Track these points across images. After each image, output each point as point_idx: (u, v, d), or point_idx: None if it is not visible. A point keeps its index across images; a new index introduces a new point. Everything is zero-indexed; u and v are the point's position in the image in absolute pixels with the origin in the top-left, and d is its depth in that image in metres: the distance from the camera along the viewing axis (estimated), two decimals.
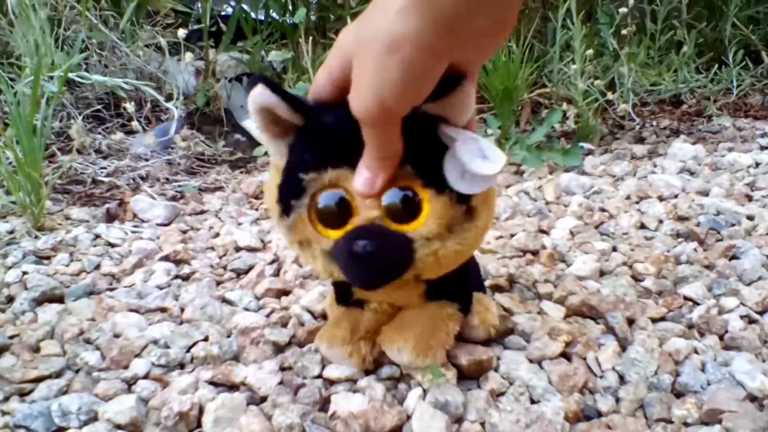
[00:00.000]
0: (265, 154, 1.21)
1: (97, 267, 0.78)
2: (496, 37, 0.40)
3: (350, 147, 0.45)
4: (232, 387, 0.55)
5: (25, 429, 0.48)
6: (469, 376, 0.56)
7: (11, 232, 0.87)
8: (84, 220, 0.92)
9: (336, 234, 0.47)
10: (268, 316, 0.66)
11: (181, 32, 1.21)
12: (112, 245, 0.85)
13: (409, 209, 0.46)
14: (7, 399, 0.52)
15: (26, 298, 0.68)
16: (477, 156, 0.44)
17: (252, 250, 0.84)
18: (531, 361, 0.58)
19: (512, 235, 0.86)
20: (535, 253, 0.81)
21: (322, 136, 0.46)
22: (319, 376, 0.56)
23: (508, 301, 0.67)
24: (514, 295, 0.69)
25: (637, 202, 0.97)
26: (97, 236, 0.86)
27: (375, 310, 0.57)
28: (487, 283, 0.70)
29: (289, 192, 0.48)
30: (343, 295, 0.58)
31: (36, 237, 0.86)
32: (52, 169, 1.04)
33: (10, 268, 0.76)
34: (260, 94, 0.44)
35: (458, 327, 0.57)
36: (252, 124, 1.34)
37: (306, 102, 0.46)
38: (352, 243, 0.45)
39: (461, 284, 0.57)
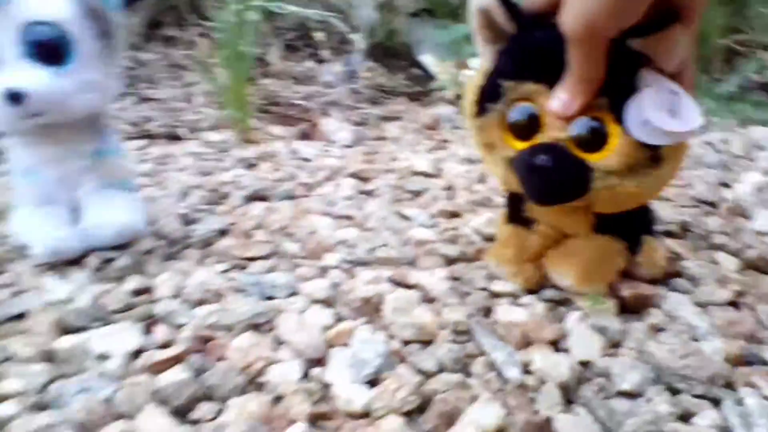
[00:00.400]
0: (441, 88, 1.26)
1: (294, 177, 0.89)
2: None
3: (553, 66, 0.47)
4: (408, 286, 0.62)
5: (244, 292, 0.59)
6: (631, 310, 0.58)
7: (224, 142, 1.01)
8: (282, 137, 1.04)
9: (520, 145, 0.51)
10: (440, 233, 0.72)
11: None
12: (306, 160, 0.95)
13: (596, 140, 0.48)
14: (229, 270, 0.64)
15: (239, 195, 0.80)
16: (664, 108, 0.45)
17: (427, 175, 0.90)
18: (696, 304, 0.58)
19: (691, 186, 0.84)
20: (714, 205, 0.79)
21: (529, 49, 0.49)
22: (484, 289, 0.61)
23: (679, 247, 0.67)
24: (687, 243, 0.69)
25: None
26: (293, 151, 0.98)
27: (542, 233, 0.60)
28: (659, 228, 0.70)
29: (488, 95, 0.52)
30: (514, 211, 0.61)
31: (244, 147, 0.99)
32: (255, 91, 1.17)
33: (225, 171, 0.89)
34: None
35: (624, 264, 0.59)
36: (429, 59, 1.39)
37: (523, 12, 0.49)
38: (533, 155, 0.48)
39: (633, 224, 0.59)
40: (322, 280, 0.61)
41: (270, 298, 0.58)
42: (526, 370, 0.50)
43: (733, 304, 0.59)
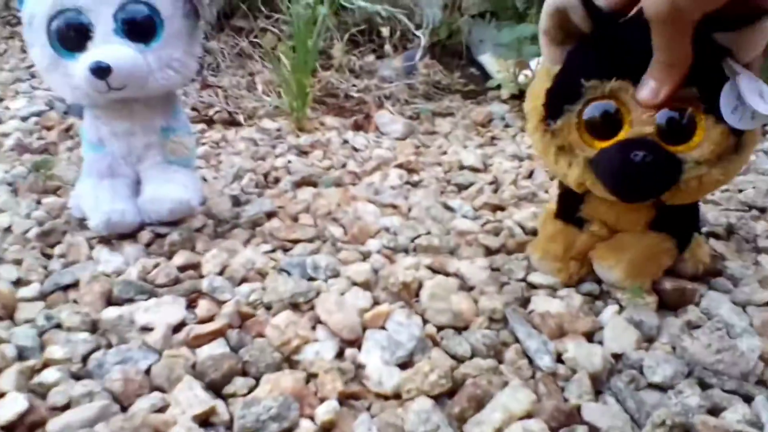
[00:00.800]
0: (498, 87, 1.27)
1: (344, 165, 0.91)
2: None
3: (637, 60, 0.47)
4: (447, 274, 0.63)
5: (287, 273, 0.62)
6: (669, 306, 0.58)
7: (279, 130, 1.05)
8: (335, 127, 1.07)
9: (601, 144, 0.51)
10: (483, 225, 0.73)
11: None
12: (357, 150, 0.98)
13: (682, 131, 0.49)
14: (274, 250, 0.67)
15: (289, 180, 0.83)
16: (756, 93, 0.46)
17: (474, 170, 0.91)
18: (735, 303, 0.58)
19: (740, 191, 0.82)
20: (762, 210, 0.77)
21: (613, 45, 0.49)
22: (523, 280, 0.62)
23: (722, 248, 0.66)
24: (730, 244, 0.68)
25: None
26: (345, 141, 1.00)
27: (592, 233, 0.60)
28: (704, 230, 0.69)
29: (564, 96, 0.51)
30: (567, 210, 0.61)
31: (298, 135, 1.02)
32: (315, 82, 1.20)
33: (278, 156, 0.93)
34: None
35: (671, 262, 0.58)
36: (488, 59, 1.39)
37: (601, 10, 0.48)
38: (629, 152, 0.48)
39: (687, 220, 0.59)
40: (363, 264, 0.63)
41: (311, 279, 0.61)
42: (559, 359, 0.51)
43: None
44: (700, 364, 0.50)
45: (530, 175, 0.89)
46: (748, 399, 0.47)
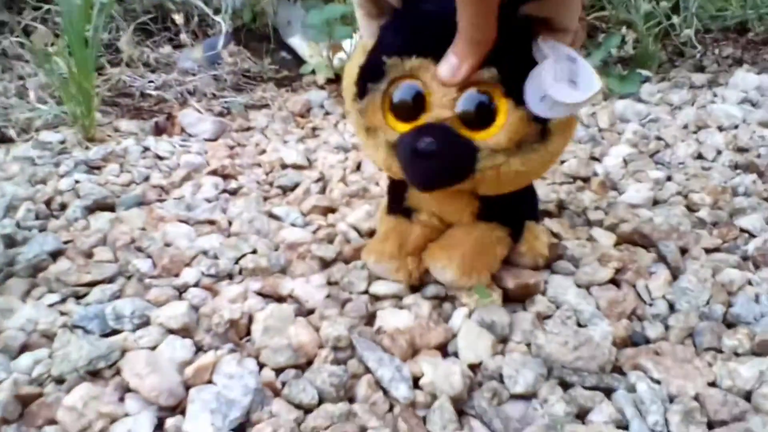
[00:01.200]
0: (312, 72, 1.19)
1: (147, 179, 0.79)
2: None
3: (440, 36, 0.43)
4: (280, 299, 0.55)
5: (82, 329, 0.50)
6: (515, 300, 0.56)
7: (62, 143, 0.89)
8: (133, 133, 0.93)
9: (404, 127, 0.46)
10: (314, 232, 0.66)
11: None
12: (161, 158, 0.85)
13: (483, 116, 0.45)
14: (64, 300, 0.54)
15: (79, 206, 0.69)
16: (564, 79, 0.42)
17: (298, 167, 0.83)
18: (579, 286, 0.57)
19: (563, 162, 0.83)
20: (586, 180, 0.79)
21: (415, 20, 0.45)
22: (365, 292, 0.56)
23: (557, 227, 0.66)
24: (564, 221, 0.68)
25: (695, 132, 0.93)
26: (146, 149, 0.87)
27: (424, 224, 0.56)
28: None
29: (369, 74, 0.47)
30: (395, 200, 0.57)
31: (87, 148, 0.87)
32: (102, 81, 1.04)
33: (62, 176, 0.78)
34: None
35: (506, 252, 0.56)
36: (298, 42, 1.31)
37: None
38: (416, 139, 0.44)
39: (516, 209, 0.56)
40: (179, 302, 0.53)
41: (114, 332, 0.50)
42: (416, 383, 0.46)
43: (614, 281, 0.58)
44: (559, 362, 0.47)
45: (358, 167, 0.83)
46: (609, 392, 0.46)
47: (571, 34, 0.43)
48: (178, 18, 1.18)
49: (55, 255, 0.60)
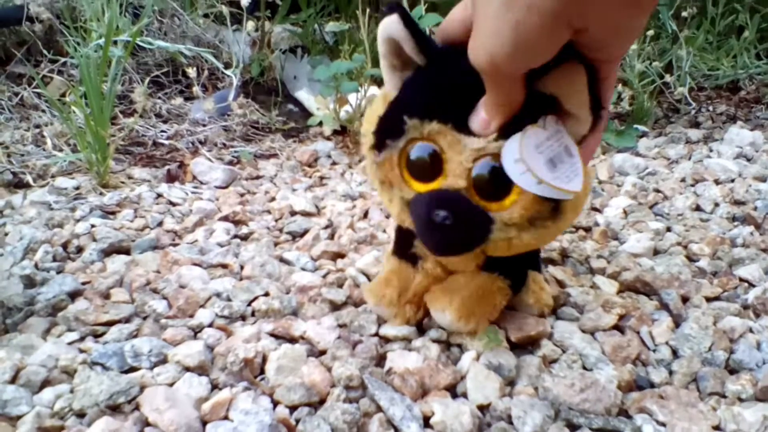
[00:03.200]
0: (319, 124, 1.23)
1: (160, 224, 0.81)
2: (624, 9, 0.36)
3: (461, 103, 0.43)
4: (292, 340, 0.57)
5: (101, 366, 0.51)
6: (520, 346, 0.57)
7: (77, 188, 0.91)
8: (146, 180, 0.96)
9: (419, 187, 0.47)
10: (324, 276, 0.68)
11: (245, 1, 1.22)
12: (174, 204, 0.88)
13: (498, 187, 0.45)
14: (83, 339, 0.55)
15: (95, 249, 0.71)
16: (544, 155, 0.42)
17: (307, 214, 0.86)
18: (584, 331, 0.58)
19: None
20: (587, 229, 0.81)
21: (437, 86, 0.45)
22: (376, 335, 0.58)
23: (560, 274, 0.67)
24: (567, 269, 0.69)
25: (693, 185, 0.96)
26: (159, 195, 0.90)
27: (427, 272, 0.57)
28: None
29: (388, 130, 0.47)
30: (402, 244, 0.58)
31: (101, 193, 0.89)
32: (116, 130, 1.07)
33: (78, 221, 0.80)
34: (391, 23, 0.44)
35: (505, 302, 0.57)
36: (304, 95, 1.36)
37: (434, 44, 0.45)
38: (432, 210, 0.44)
39: (518, 262, 0.57)
40: (195, 342, 0.54)
41: (132, 369, 0.51)
42: (427, 423, 0.47)
43: (618, 327, 0.60)
44: (566, 404, 0.48)
45: (366, 215, 0.85)
46: None
47: (583, 125, 0.44)
48: (190, 71, 1.23)
49: (74, 295, 0.62)
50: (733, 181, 0.97)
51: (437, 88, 0.45)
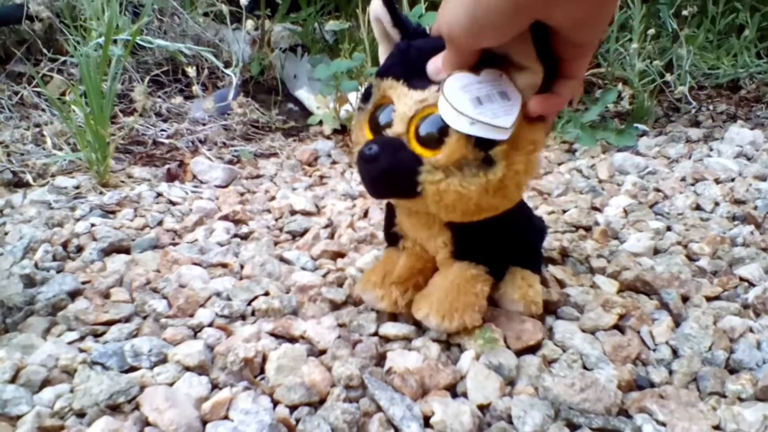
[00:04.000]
0: (319, 123, 1.23)
1: (160, 223, 0.81)
2: (587, 4, 0.37)
3: (413, 66, 0.48)
4: (292, 339, 0.57)
5: (101, 366, 0.51)
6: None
7: (77, 188, 0.91)
8: (146, 179, 0.96)
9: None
10: (324, 276, 0.68)
11: (244, 0, 1.22)
12: (174, 203, 0.88)
13: (434, 137, 0.47)
14: (83, 338, 0.55)
15: (95, 248, 0.71)
16: (470, 93, 0.45)
17: (307, 214, 0.86)
18: (584, 331, 0.58)
19: (564, 211, 0.86)
20: (587, 229, 0.81)
21: (401, 50, 0.50)
22: (375, 334, 0.58)
23: (560, 274, 0.67)
24: (567, 269, 0.69)
25: (693, 184, 0.96)
26: (159, 194, 0.90)
27: (409, 252, 0.59)
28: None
29: (363, 95, 0.53)
30: (388, 224, 0.61)
31: (101, 193, 0.89)
32: (116, 129, 1.07)
33: (78, 220, 0.80)
34: (375, 4, 0.51)
35: (488, 288, 0.57)
36: (304, 94, 1.36)
37: (409, 23, 0.51)
38: (367, 146, 0.48)
39: (488, 247, 0.57)
40: (195, 341, 0.54)
41: (132, 369, 0.51)
42: (427, 422, 0.47)
43: (618, 327, 0.60)
44: (566, 404, 0.48)
45: (366, 214, 0.85)
46: None
47: (534, 75, 0.45)
48: (190, 70, 1.23)
49: (74, 295, 0.62)
50: (733, 180, 0.97)
51: (399, 54, 0.51)
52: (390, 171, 0.48)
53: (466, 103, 0.45)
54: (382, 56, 0.53)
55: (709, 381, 0.53)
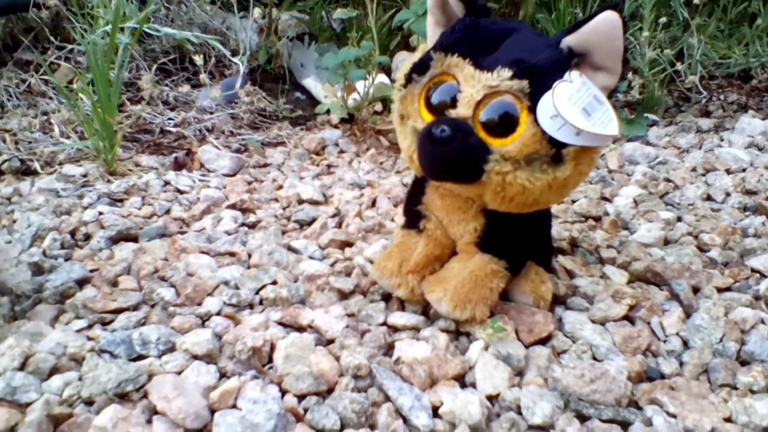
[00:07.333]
0: (327, 112, 1.22)
1: (168, 211, 0.81)
2: None
3: (483, 45, 0.48)
4: (300, 328, 0.56)
5: (109, 354, 0.51)
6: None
7: (85, 176, 0.91)
8: (153, 168, 0.95)
9: (430, 119, 0.50)
10: (332, 265, 0.68)
11: None
12: (181, 192, 0.87)
13: (504, 125, 0.47)
14: (91, 326, 0.55)
15: (103, 236, 0.71)
16: (578, 106, 0.45)
17: (314, 203, 0.85)
18: (594, 321, 0.58)
19: (574, 201, 0.85)
20: (597, 219, 0.80)
21: (467, 26, 0.50)
22: (384, 323, 0.57)
23: (570, 264, 0.67)
24: (577, 259, 0.69)
25: (704, 175, 0.95)
26: (167, 183, 0.89)
27: (429, 236, 0.58)
28: None
29: (417, 67, 0.52)
30: (411, 202, 0.60)
31: (109, 181, 0.89)
32: (123, 118, 1.07)
33: (86, 208, 0.80)
34: None
35: (503, 284, 0.57)
36: (312, 83, 1.35)
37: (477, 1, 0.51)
38: (434, 126, 0.47)
39: (515, 243, 0.57)
40: (203, 330, 0.54)
41: (140, 357, 0.51)
42: (435, 412, 0.47)
43: (628, 318, 0.59)
44: (575, 395, 0.48)
45: (373, 203, 0.85)
46: (625, 425, 0.46)
47: (613, 77, 0.46)
48: (198, 59, 1.22)
49: (82, 283, 0.62)
50: (744, 170, 0.95)
51: (466, 30, 0.50)
52: (460, 156, 0.47)
53: (578, 116, 0.45)
54: (432, 29, 0.53)
55: (720, 373, 0.52)
